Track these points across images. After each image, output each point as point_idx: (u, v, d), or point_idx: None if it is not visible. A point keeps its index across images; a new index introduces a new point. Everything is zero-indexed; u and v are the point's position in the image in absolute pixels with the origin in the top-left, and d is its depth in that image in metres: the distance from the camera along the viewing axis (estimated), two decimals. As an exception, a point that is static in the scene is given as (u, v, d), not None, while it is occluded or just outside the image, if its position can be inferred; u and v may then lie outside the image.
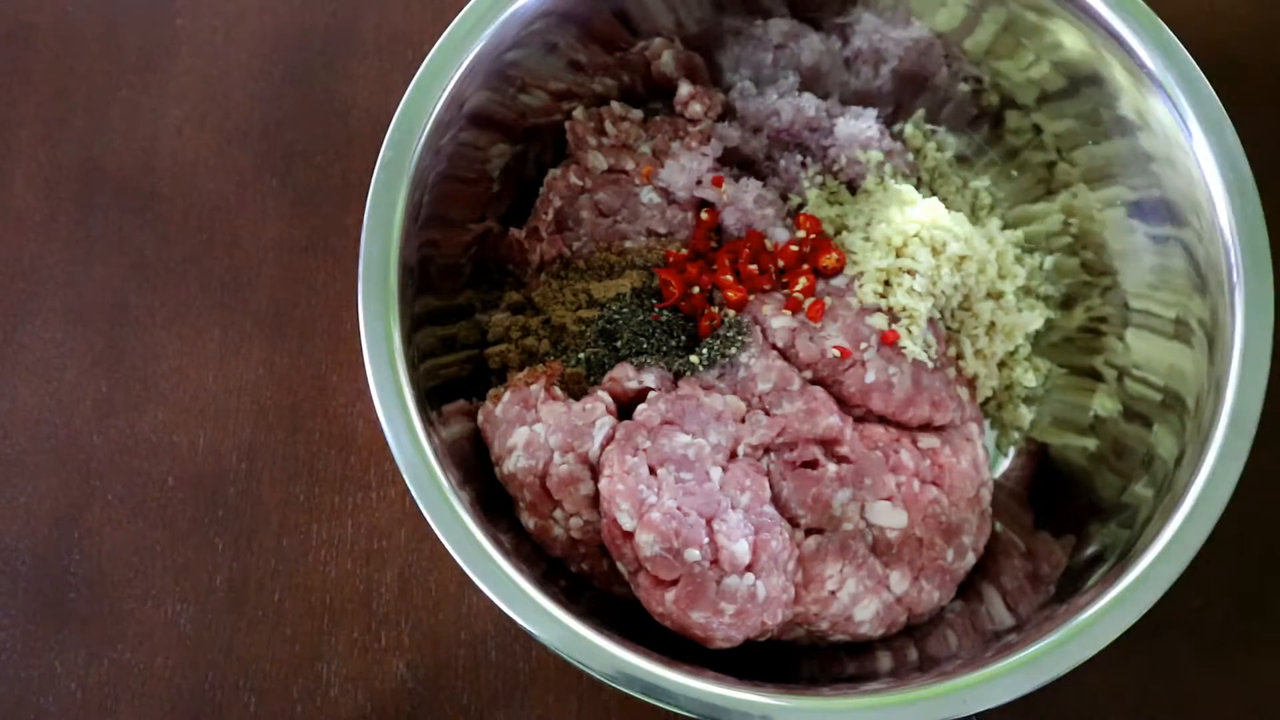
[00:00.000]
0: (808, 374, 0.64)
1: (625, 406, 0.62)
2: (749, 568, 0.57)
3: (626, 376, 0.62)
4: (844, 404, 0.64)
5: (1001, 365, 0.71)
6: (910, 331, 0.64)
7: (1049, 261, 0.72)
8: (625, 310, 0.65)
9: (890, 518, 0.62)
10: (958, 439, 0.66)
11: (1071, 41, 0.64)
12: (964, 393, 0.67)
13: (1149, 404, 0.64)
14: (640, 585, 0.57)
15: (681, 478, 0.58)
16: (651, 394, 0.61)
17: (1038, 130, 0.70)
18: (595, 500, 0.59)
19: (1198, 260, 0.61)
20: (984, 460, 0.67)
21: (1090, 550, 0.62)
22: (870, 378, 0.63)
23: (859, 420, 0.65)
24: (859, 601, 0.61)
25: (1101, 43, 0.62)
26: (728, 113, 0.73)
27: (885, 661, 0.62)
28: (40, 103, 0.79)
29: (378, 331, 0.58)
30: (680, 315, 0.66)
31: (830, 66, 0.73)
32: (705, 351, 0.63)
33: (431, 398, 0.60)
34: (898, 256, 0.66)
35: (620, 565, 0.58)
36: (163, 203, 0.77)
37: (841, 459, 0.62)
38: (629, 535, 0.57)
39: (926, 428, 0.66)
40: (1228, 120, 0.60)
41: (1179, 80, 0.60)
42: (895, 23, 0.69)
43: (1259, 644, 0.70)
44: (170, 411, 0.73)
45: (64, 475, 0.72)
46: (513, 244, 0.70)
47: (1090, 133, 0.67)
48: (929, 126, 0.75)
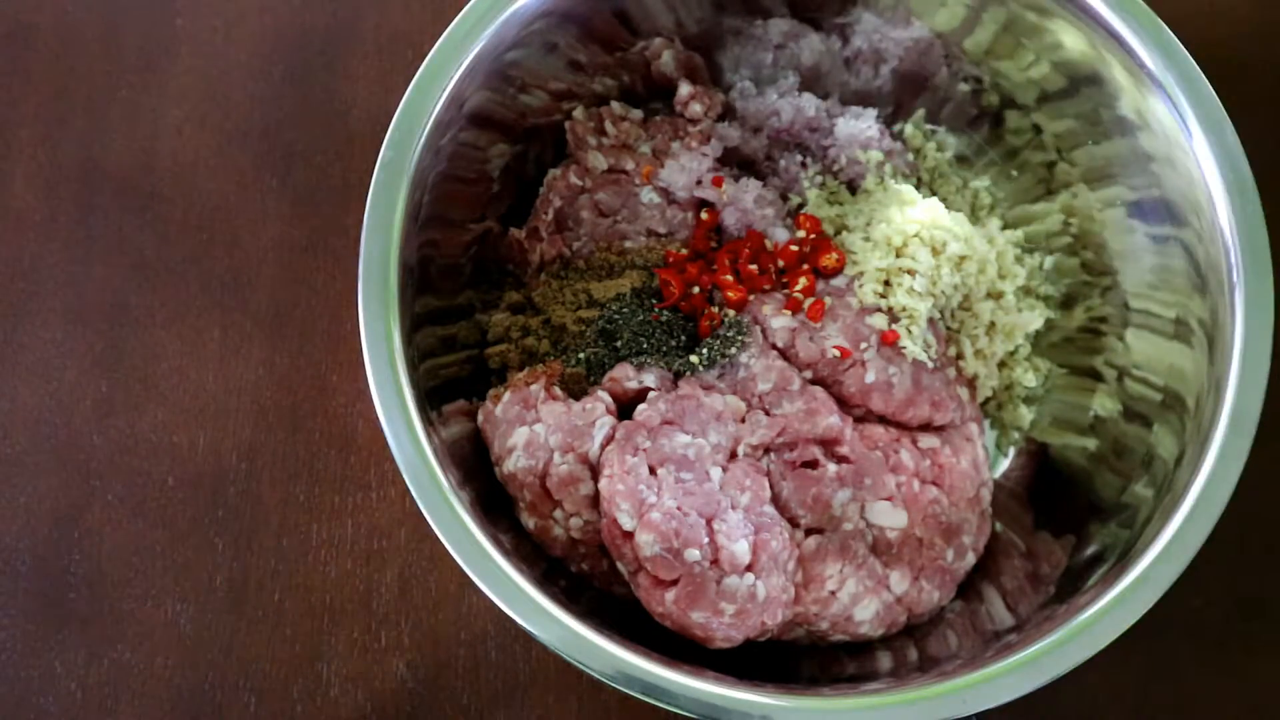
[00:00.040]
0: (808, 374, 0.64)
1: (625, 406, 0.62)
2: (749, 568, 0.57)
3: (626, 376, 0.62)
4: (844, 404, 0.64)
5: (1001, 365, 0.71)
6: (910, 331, 0.64)
7: (1049, 261, 0.72)
8: (625, 310, 0.65)
9: (890, 518, 0.62)
10: (958, 439, 0.66)
11: (1071, 41, 0.64)
12: (964, 393, 0.67)
13: (1149, 404, 0.64)
14: (640, 585, 0.57)
15: (681, 478, 0.58)
16: (651, 394, 0.61)
17: (1038, 130, 0.70)
18: (595, 500, 0.59)
19: (1198, 260, 0.61)
20: (984, 460, 0.67)
21: (1090, 550, 0.62)
22: (870, 378, 0.63)
23: (859, 420, 0.65)
24: (859, 601, 0.61)
25: (1101, 43, 0.62)
26: (728, 113, 0.73)
27: (885, 661, 0.62)
28: (40, 103, 0.79)
29: (378, 331, 0.58)
30: (680, 315, 0.66)
31: (830, 66, 0.73)
32: (705, 351, 0.63)
33: (431, 398, 0.60)
34: (898, 256, 0.66)
35: (620, 565, 0.58)
36: (163, 203, 0.77)
37: (841, 459, 0.62)
38: (629, 535, 0.57)
39: (926, 428, 0.66)
40: (1228, 120, 0.60)
41: (1179, 80, 0.60)
42: (895, 23, 0.69)
43: (1259, 644, 0.70)
44: (170, 411, 0.73)
45: (64, 475, 0.72)
46: (513, 244, 0.70)
47: (1090, 133, 0.67)
48: (929, 126, 0.75)
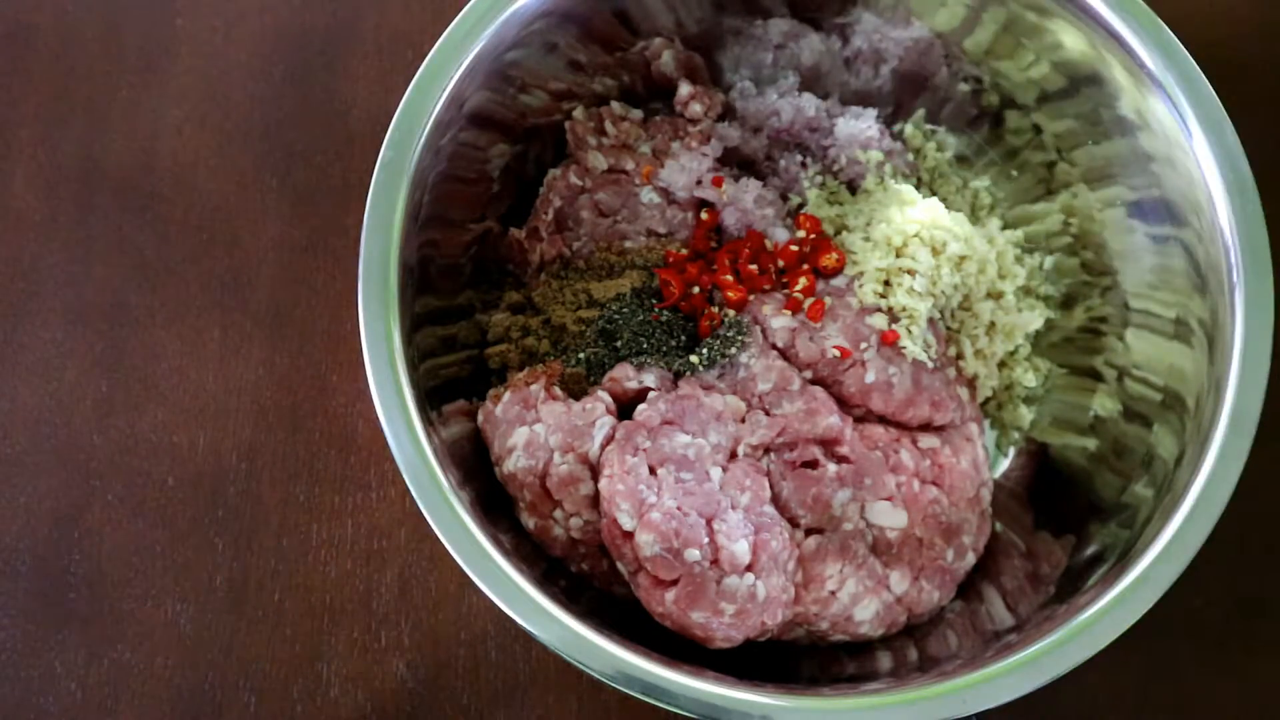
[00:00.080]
0: (808, 374, 0.64)
1: (625, 406, 0.62)
2: (749, 568, 0.57)
3: (626, 376, 0.62)
4: (844, 404, 0.64)
5: (1001, 365, 0.71)
6: (910, 331, 0.64)
7: (1049, 261, 0.72)
8: (625, 310, 0.65)
9: (890, 518, 0.62)
10: (958, 439, 0.66)
11: (1071, 41, 0.64)
12: (964, 393, 0.67)
13: (1149, 404, 0.64)
14: (640, 585, 0.57)
15: (681, 478, 0.58)
16: (651, 394, 0.61)
17: (1038, 130, 0.70)
18: (595, 500, 0.59)
19: (1198, 260, 0.61)
20: (984, 460, 0.67)
21: (1090, 550, 0.62)
22: (870, 378, 0.63)
23: (859, 420, 0.65)
24: (859, 601, 0.61)
25: (1101, 43, 0.62)
26: (728, 113, 0.73)
27: (885, 661, 0.62)
28: (40, 103, 0.79)
29: (378, 331, 0.58)
30: (680, 315, 0.66)
31: (830, 66, 0.73)
32: (705, 351, 0.63)
33: (431, 398, 0.60)
34: (898, 256, 0.66)
35: (620, 565, 0.58)
36: (163, 203, 0.77)
37: (841, 459, 0.62)
38: (629, 535, 0.57)
39: (926, 428, 0.66)
40: (1228, 120, 0.60)
41: (1179, 80, 0.60)
42: (895, 23, 0.69)
43: (1259, 644, 0.70)
44: (170, 411, 0.73)
45: (64, 475, 0.72)
46: (513, 244, 0.70)
47: (1090, 133, 0.67)
48: (929, 126, 0.75)
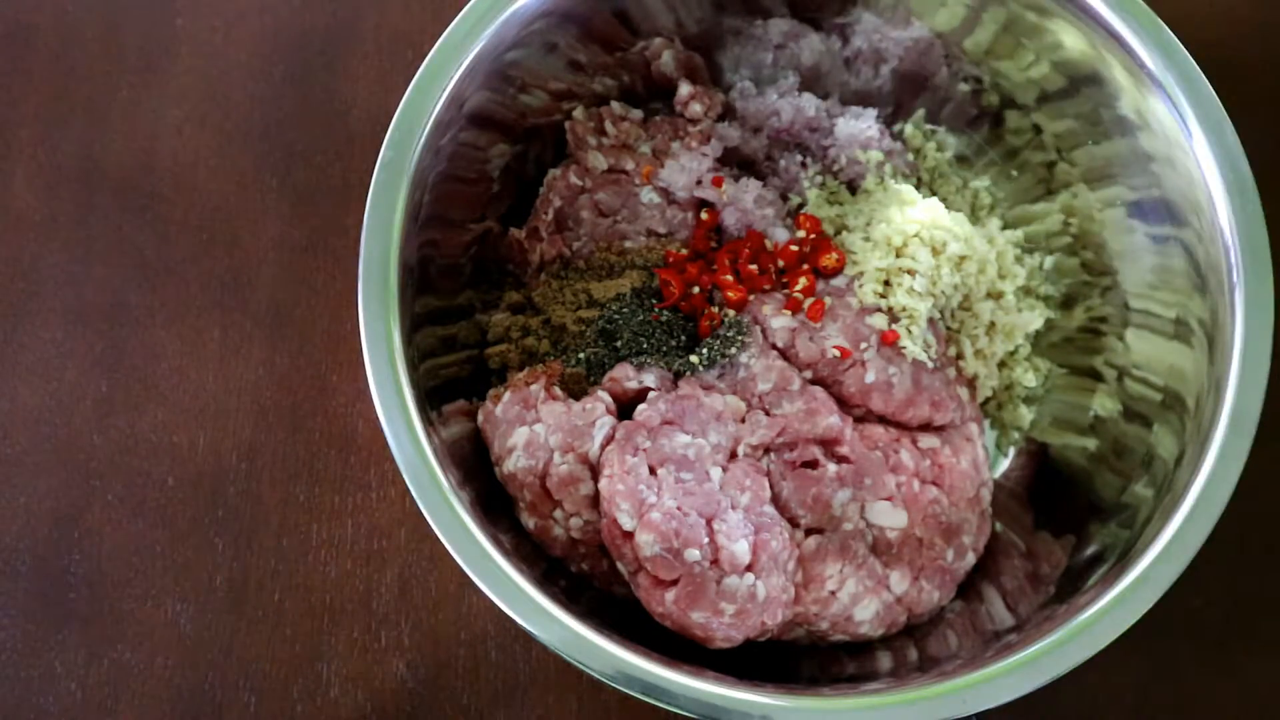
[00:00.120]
0: (808, 374, 0.64)
1: (625, 406, 0.62)
2: (749, 568, 0.57)
3: (626, 376, 0.62)
4: (844, 404, 0.64)
5: (1001, 365, 0.71)
6: (910, 331, 0.64)
7: (1049, 261, 0.72)
8: (625, 310, 0.65)
9: (890, 518, 0.62)
10: (958, 439, 0.66)
11: (1071, 41, 0.64)
12: (964, 393, 0.67)
13: (1149, 404, 0.64)
14: (640, 585, 0.57)
15: (681, 478, 0.58)
16: (651, 394, 0.61)
17: (1038, 130, 0.70)
18: (595, 500, 0.59)
19: (1198, 260, 0.61)
20: (984, 460, 0.67)
21: (1090, 550, 0.62)
22: (870, 378, 0.63)
23: (859, 420, 0.65)
24: (859, 601, 0.61)
25: (1101, 43, 0.62)
26: (728, 113, 0.73)
27: (885, 661, 0.62)
28: (40, 103, 0.79)
29: (378, 331, 0.58)
30: (680, 315, 0.66)
31: (830, 66, 0.73)
32: (705, 351, 0.63)
33: (431, 398, 0.60)
34: (898, 256, 0.66)
35: (620, 565, 0.58)
36: (163, 203, 0.77)
37: (841, 459, 0.62)
38: (629, 535, 0.57)
39: (926, 428, 0.66)
40: (1228, 120, 0.60)
41: (1179, 80, 0.60)
42: (895, 23, 0.69)
43: (1259, 644, 0.70)
44: (170, 411, 0.73)
45: (64, 475, 0.72)
46: (513, 244, 0.70)
47: (1090, 133, 0.67)
48: (929, 126, 0.75)
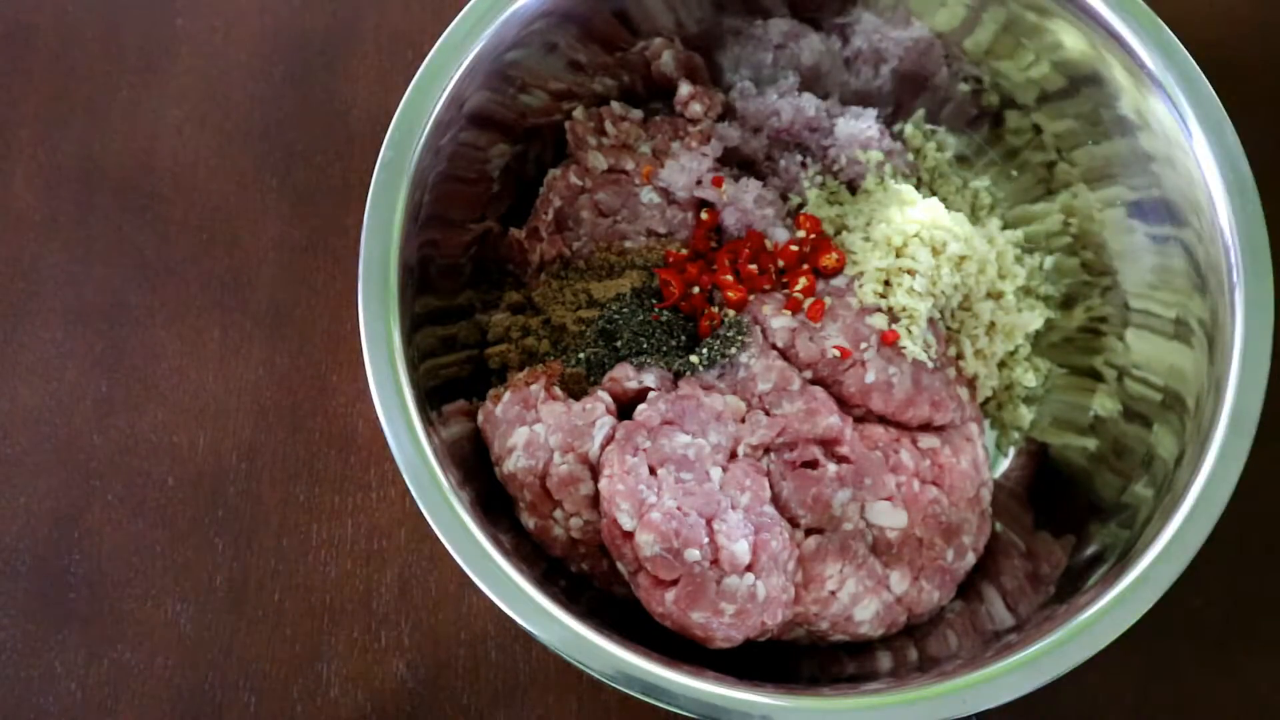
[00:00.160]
0: (808, 374, 0.64)
1: (625, 406, 0.62)
2: (749, 568, 0.57)
3: (626, 376, 0.62)
4: (844, 404, 0.64)
5: (1001, 365, 0.71)
6: (910, 331, 0.64)
7: (1049, 261, 0.72)
8: (625, 310, 0.65)
9: (890, 518, 0.62)
10: (958, 439, 0.66)
11: (1071, 41, 0.64)
12: (964, 393, 0.67)
13: (1149, 404, 0.64)
14: (640, 585, 0.57)
15: (681, 478, 0.58)
16: (651, 394, 0.61)
17: (1038, 130, 0.70)
18: (595, 500, 0.59)
19: (1198, 260, 0.61)
20: (984, 460, 0.67)
21: (1090, 550, 0.62)
22: (870, 378, 0.63)
23: (859, 420, 0.65)
24: (859, 601, 0.61)
25: (1101, 43, 0.62)
26: (728, 113, 0.73)
27: (885, 661, 0.62)
28: (40, 103, 0.79)
29: (378, 331, 0.58)
30: (680, 315, 0.66)
31: (830, 66, 0.73)
32: (705, 351, 0.63)
33: (431, 398, 0.60)
34: (898, 256, 0.66)
35: (620, 565, 0.58)
36: (163, 203, 0.77)
37: (841, 459, 0.62)
38: (629, 535, 0.57)
39: (926, 428, 0.66)
40: (1228, 120, 0.60)
41: (1179, 80, 0.60)
42: (895, 23, 0.69)
43: (1259, 644, 0.70)
44: (170, 411, 0.73)
45: (64, 475, 0.72)
46: (513, 244, 0.70)
47: (1090, 133, 0.67)
48: (929, 126, 0.75)
